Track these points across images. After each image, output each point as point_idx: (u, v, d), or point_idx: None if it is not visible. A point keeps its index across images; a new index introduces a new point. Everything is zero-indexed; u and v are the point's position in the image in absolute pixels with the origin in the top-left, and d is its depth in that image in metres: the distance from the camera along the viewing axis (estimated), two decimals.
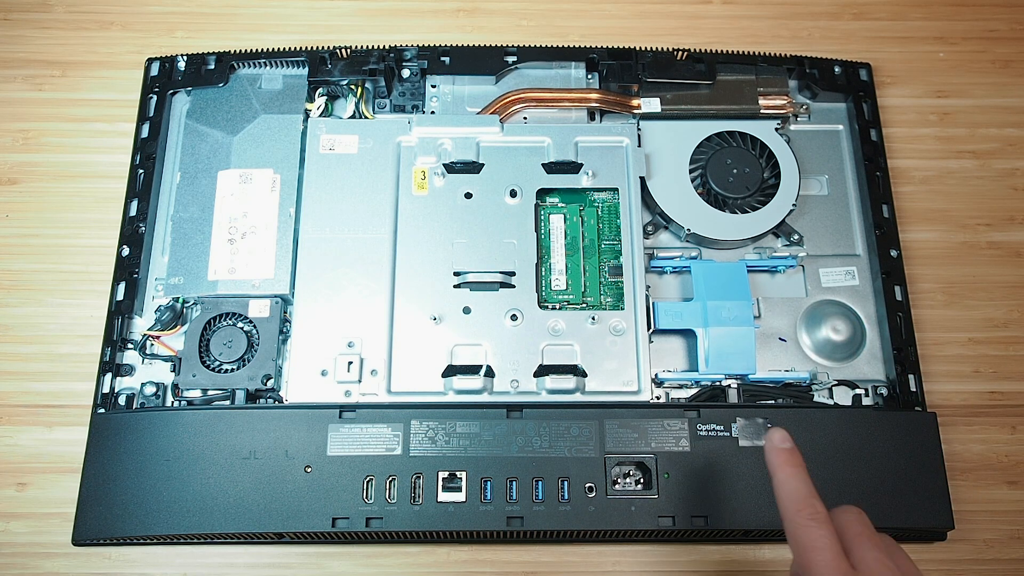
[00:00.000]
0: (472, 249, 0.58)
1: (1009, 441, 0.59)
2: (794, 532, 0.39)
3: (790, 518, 0.39)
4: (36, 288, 0.61)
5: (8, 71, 0.68)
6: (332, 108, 0.65)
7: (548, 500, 0.51)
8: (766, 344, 0.59)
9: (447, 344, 0.56)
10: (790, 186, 0.61)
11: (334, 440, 0.52)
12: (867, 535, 0.39)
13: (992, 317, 0.62)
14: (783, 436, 0.42)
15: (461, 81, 0.65)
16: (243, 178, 0.60)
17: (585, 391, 0.55)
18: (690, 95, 0.63)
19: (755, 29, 0.71)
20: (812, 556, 0.37)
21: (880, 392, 0.58)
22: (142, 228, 0.60)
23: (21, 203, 0.64)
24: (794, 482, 0.40)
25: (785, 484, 0.40)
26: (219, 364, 0.56)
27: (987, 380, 0.61)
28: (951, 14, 0.72)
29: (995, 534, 0.57)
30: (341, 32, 0.70)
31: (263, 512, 0.51)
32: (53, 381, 0.59)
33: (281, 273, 0.58)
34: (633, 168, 0.60)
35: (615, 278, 0.58)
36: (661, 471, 0.52)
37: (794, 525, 0.39)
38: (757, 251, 0.61)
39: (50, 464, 0.57)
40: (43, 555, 0.55)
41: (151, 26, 0.70)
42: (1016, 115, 0.68)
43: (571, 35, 0.71)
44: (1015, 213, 0.65)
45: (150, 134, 0.63)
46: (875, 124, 0.64)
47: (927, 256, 0.64)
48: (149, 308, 0.59)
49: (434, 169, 0.60)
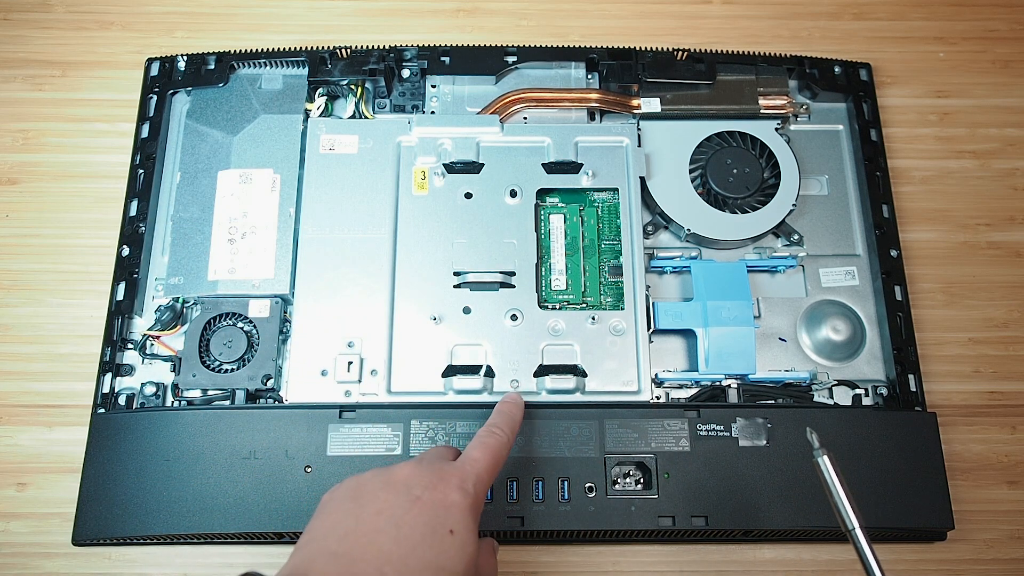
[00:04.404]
0: (472, 249, 0.58)
1: (1009, 441, 0.59)
2: None
3: None
4: (36, 288, 0.61)
5: (8, 71, 0.68)
6: (332, 108, 0.65)
7: (548, 500, 0.51)
8: (766, 344, 0.59)
9: (447, 344, 0.56)
10: (790, 186, 0.61)
11: (334, 440, 0.52)
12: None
13: (992, 317, 0.62)
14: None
15: (461, 81, 0.65)
16: (243, 178, 0.60)
17: (585, 391, 0.55)
18: (690, 95, 0.63)
19: (755, 29, 0.71)
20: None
21: (880, 392, 0.58)
22: (142, 228, 0.60)
23: (21, 203, 0.64)
24: None
25: None
26: (219, 364, 0.56)
27: (987, 380, 0.61)
28: (951, 14, 0.72)
29: (995, 534, 0.57)
30: (341, 32, 0.70)
31: (263, 512, 0.51)
32: (53, 381, 0.59)
33: (281, 273, 0.58)
34: (633, 168, 0.60)
35: (615, 278, 0.58)
36: (661, 471, 0.52)
37: None
38: (757, 251, 0.61)
39: (50, 464, 0.57)
40: (43, 555, 0.55)
41: (151, 26, 0.70)
42: (1016, 115, 0.68)
43: (571, 35, 0.71)
44: (1015, 213, 0.65)
45: (150, 134, 0.63)
46: (875, 124, 0.64)
47: (927, 256, 0.64)
48: (149, 308, 0.59)
49: (434, 169, 0.60)
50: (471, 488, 0.41)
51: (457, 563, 0.38)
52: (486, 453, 0.43)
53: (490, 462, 0.43)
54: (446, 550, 0.38)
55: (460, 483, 0.41)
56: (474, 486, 0.41)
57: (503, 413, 0.48)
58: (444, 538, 0.38)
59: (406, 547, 0.37)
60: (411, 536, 0.38)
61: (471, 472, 0.42)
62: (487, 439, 0.44)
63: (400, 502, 0.39)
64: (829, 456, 0.42)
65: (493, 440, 0.44)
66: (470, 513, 0.40)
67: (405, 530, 0.38)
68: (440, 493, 0.40)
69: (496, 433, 0.45)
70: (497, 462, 0.44)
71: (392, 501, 0.39)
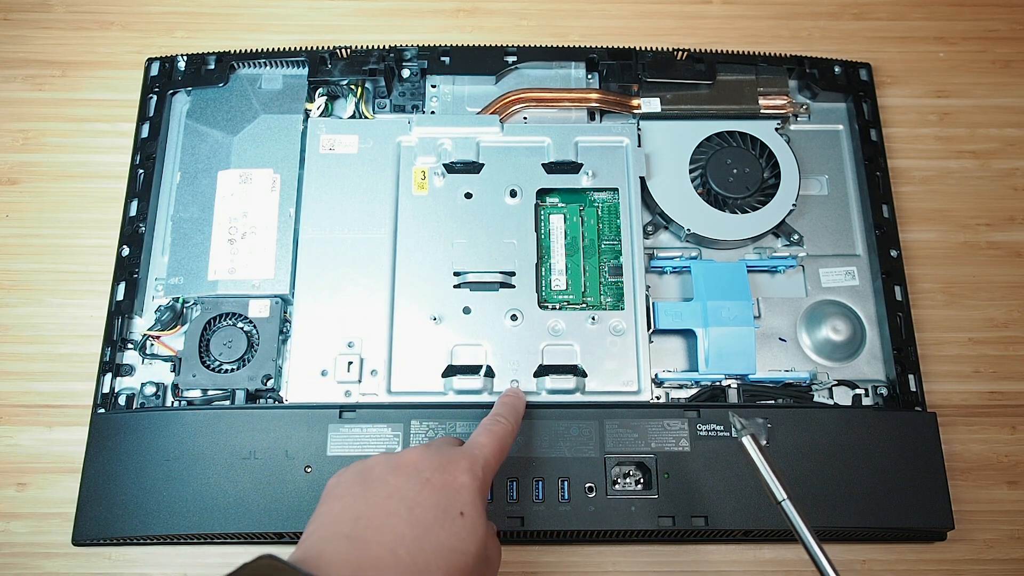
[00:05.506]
0: (472, 249, 0.58)
1: (1009, 441, 0.59)
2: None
3: None
4: (36, 288, 0.61)
5: (8, 71, 0.68)
6: (332, 108, 0.65)
7: (548, 500, 0.51)
8: (766, 344, 0.59)
9: (447, 344, 0.56)
10: (790, 186, 0.61)
11: (334, 440, 0.52)
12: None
13: (992, 317, 0.62)
14: None
15: (461, 81, 0.65)
16: (243, 178, 0.60)
17: (585, 391, 0.55)
18: (690, 95, 0.63)
19: (755, 29, 0.71)
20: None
21: (880, 392, 0.58)
22: (142, 228, 0.60)
23: (21, 203, 0.64)
24: None
25: None
26: (219, 364, 0.56)
27: (987, 380, 0.61)
28: (951, 14, 0.72)
29: (995, 534, 0.57)
30: (341, 32, 0.70)
31: (263, 512, 0.51)
32: (53, 381, 0.59)
33: (281, 273, 0.58)
34: (633, 168, 0.60)
35: (615, 278, 0.58)
36: (661, 471, 0.52)
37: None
38: (757, 251, 0.61)
39: (50, 464, 0.57)
40: (43, 555, 0.55)
41: (151, 26, 0.70)
42: (1016, 115, 0.68)
43: (571, 35, 0.71)
44: (1015, 213, 0.65)
45: (150, 134, 0.63)
46: (875, 124, 0.64)
47: (927, 256, 0.64)
48: (149, 308, 0.59)
49: (434, 169, 0.60)
50: (479, 471, 0.41)
51: (469, 544, 0.38)
52: (492, 439, 0.44)
53: (496, 448, 0.44)
54: (458, 531, 0.38)
55: (469, 466, 0.41)
56: (482, 469, 0.41)
57: (506, 404, 0.48)
58: (456, 520, 0.38)
59: (419, 529, 0.37)
60: (423, 518, 0.38)
61: (479, 456, 0.42)
62: (492, 427, 0.45)
63: (411, 485, 0.39)
64: (753, 437, 0.45)
65: (499, 427, 0.45)
66: (479, 496, 0.40)
67: (417, 512, 0.38)
68: (449, 475, 0.40)
69: (501, 421, 0.46)
70: (503, 448, 0.44)
71: (402, 484, 0.39)
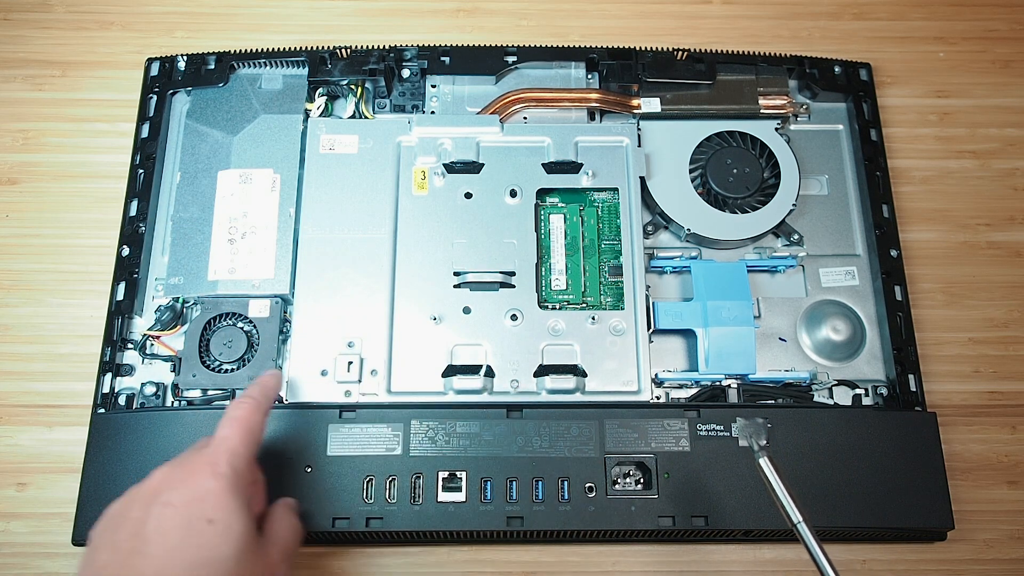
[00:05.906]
0: (472, 249, 0.58)
1: (1009, 441, 0.59)
2: None
3: None
4: (36, 288, 0.61)
5: (8, 71, 0.68)
6: (332, 108, 0.65)
7: (548, 500, 0.51)
8: (766, 344, 0.59)
9: (447, 344, 0.56)
10: (790, 186, 0.61)
11: (334, 440, 0.52)
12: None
13: (992, 317, 0.62)
14: None
15: (461, 81, 0.65)
16: (243, 178, 0.60)
17: (585, 391, 0.55)
18: (690, 95, 0.63)
19: (755, 29, 0.71)
20: None
21: (880, 392, 0.58)
22: (142, 228, 0.60)
23: (21, 203, 0.64)
24: None
25: None
26: (219, 364, 0.56)
27: (987, 380, 0.61)
28: (951, 14, 0.72)
29: (995, 534, 0.57)
30: (341, 32, 0.70)
31: None
32: (53, 381, 0.59)
33: (281, 273, 0.58)
34: (633, 168, 0.60)
35: (615, 278, 0.58)
36: (661, 471, 0.52)
37: None
38: (757, 251, 0.61)
39: (50, 464, 0.57)
40: (43, 555, 0.55)
41: (151, 26, 0.70)
42: (1016, 115, 0.68)
43: (571, 35, 0.71)
44: (1015, 213, 0.65)
45: (150, 134, 0.63)
46: (875, 124, 0.64)
47: (927, 256, 0.64)
48: (149, 308, 0.59)
49: (434, 169, 0.60)
50: (225, 468, 0.41)
51: (223, 549, 0.38)
52: (234, 427, 0.44)
53: (241, 434, 0.43)
54: (207, 541, 0.38)
55: (212, 469, 0.41)
56: (228, 464, 0.41)
57: (254, 383, 0.48)
58: (203, 531, 0.38)
59: (161, 559, 0.38)
60: (165, 543, 0.38)
61: (222, 451, 0.42)
62: (233, 412, 0.45)
63: (152, 514, 0.39)
64: (768, 457, 0.45)
65: (240, 411, 0.45)
66: (230, 494, 0.40)
67: (158, 540, 0.38)
68: (190, 489, 0.40)
69: (243, 402, 0.45)
70: (250, 430, 0.44)
71: (142, 517, 0.39)
